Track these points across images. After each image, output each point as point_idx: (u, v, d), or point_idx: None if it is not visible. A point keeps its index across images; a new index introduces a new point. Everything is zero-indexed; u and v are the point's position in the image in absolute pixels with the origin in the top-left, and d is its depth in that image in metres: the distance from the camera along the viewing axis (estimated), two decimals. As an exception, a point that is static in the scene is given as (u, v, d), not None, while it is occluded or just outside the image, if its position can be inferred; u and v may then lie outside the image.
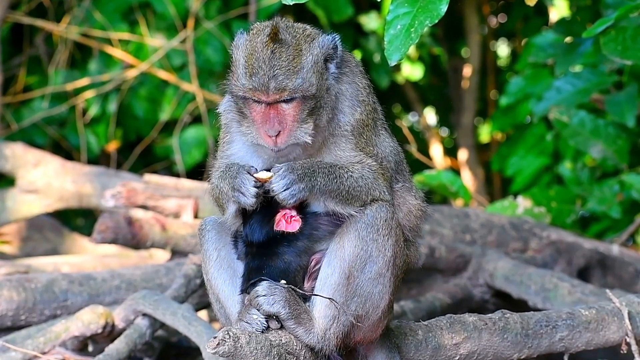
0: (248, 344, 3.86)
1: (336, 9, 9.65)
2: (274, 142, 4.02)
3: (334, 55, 4.12)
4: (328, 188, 4.02)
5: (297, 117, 4.02)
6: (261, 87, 3.99)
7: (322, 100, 4.07)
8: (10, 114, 9.48)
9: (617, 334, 4.81)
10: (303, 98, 4.02)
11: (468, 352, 4.54)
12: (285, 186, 3.96)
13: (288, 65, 3.99)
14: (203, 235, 4.28)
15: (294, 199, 3.97)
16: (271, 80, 3.97)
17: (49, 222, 8.23)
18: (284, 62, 3.99)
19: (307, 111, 4.03)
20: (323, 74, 4.08)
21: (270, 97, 4.00)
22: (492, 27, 12.03)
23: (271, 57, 3.99)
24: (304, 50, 4.04)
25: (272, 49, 4.00)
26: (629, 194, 7.53)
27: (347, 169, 4.08)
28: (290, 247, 4.11)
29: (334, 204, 4.05)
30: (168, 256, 6.76)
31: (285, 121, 4.02)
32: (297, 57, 4.01)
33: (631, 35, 5.75)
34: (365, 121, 4.18)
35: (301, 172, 3.98)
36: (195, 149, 9.74)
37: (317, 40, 4.09)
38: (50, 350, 5.23)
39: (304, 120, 4.03)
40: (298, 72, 4.00)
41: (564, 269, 6.64)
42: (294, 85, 3.99)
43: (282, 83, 3.98)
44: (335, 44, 4.12)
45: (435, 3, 4.20)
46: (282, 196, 3.96)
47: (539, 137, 8.76)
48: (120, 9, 9.63)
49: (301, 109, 4.03)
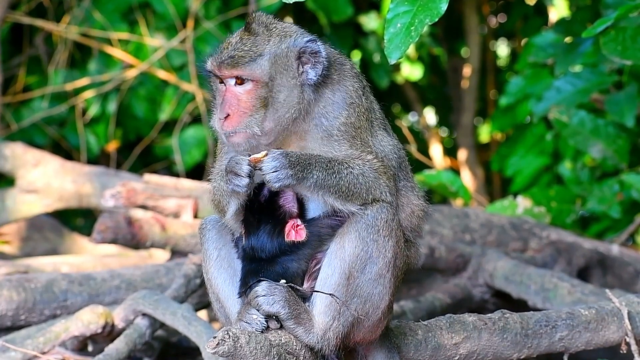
0: (248, 343, 3.86)
1: (336, 9, 9.65)
2: (222, 125, 4.09)
3: (312, 60, 4.13)
4: (326, 183, 4.01)
5: (249, 104, 4.08)
6: (217, 61, 4.11)
7: (282, 95, 4.09)
8: (10, 114, 9.48)
9: (616, 334, 4.81)
10: (256, 85, 4.08)
11: (468, 352, 4.54)
12: (274, 168, 3.95)
13: (249, 50, 4.10)
14: (203, 234, 4.28)
15: (279, 183, 3.95)
16: (228, 58, 4.09)
17: (49, 222, 8.22)
18: (245, 47, 4.10)
19: (260, 100, 4.08)
20: (288, 71, 4.10)
21: (222, 71, 4.10)
22: (491, 27, 12.03)
23: (237, 42, 4.13)
24: (271, 43, 4.12)
25: (241, 36, 4.14)
26: (629, 194, 7.53)
27: (347, 165, 4.07)
28: (292, 255, 4.11)
29: (333, 200, 4.04)
30: (168, 256, 6.77)
31: (235, 105, 4.09)
32: (260, 45, 4.11)
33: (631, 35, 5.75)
34: (356, 124, 4.17)
35: (295, 159, 3.98)
36: (195, 149, 9.74)
37: (291, 39, 4.14)
38: (50, 350, 5.23)
39: (256, 110, 4.08)
40: (255, 58, 4.09)
41: (563, 269, 6.64)
42: (246, 67, 4.08)
43: (236, 61, 4.08)
44: (315, 50, 4.13)
45: (435, 2, 4.20)
46: (268, 177, 3.96)
47: (538, 137, 8.76)
48: (120, 9, 9.63)
49: (254, 97, 4.09)
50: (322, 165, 4.02)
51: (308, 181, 3.99)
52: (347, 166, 4.07)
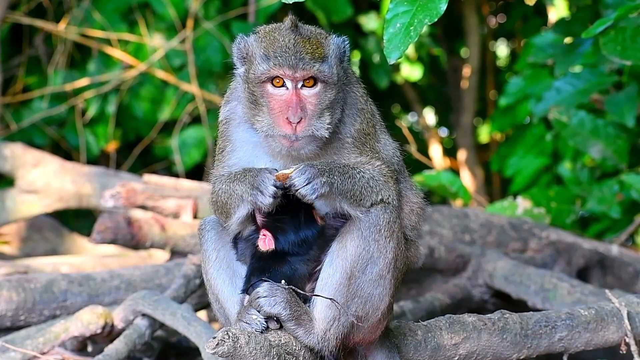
0: (247, 344, 3.86)
1: (335, 9, 9.65)
2: (294, 129, 3.98)
3: (344, 59, 4.13)
4: (345, 187, 4.00)
5: (318, 105, 4.00)
6: (288, 64, 3.97)
7: (338, 98, 4.08)
8: (9, 114, 9.48)
9: (616, 334, 4.81)
10: (326, 86, 4.02)
11: (467, 353, 4.55)
12: (307, 180, 3.90)
13: (314, 52, 4.00)
14: (203, 235, 4.28)
15: (315, 193, 3.91)
16: (299, 60, 3.97)
17: (49, 222, 8.22)
18: (309, 49, 4.00)
19: (327, 102, 4.02)
20: (339, 72, 4.08)
21: (298, 73, 3.97)
22: (491, 27, 12.03)
23: (295, 44, 4.00)
24: (324, 44, 4.06)
25: (294, 39, 4.01)
26: (629, 194, 7.53)
27: (359, 169, 4.07)
28: (301, 257, 4.10)
29: (347, 205, 4.03)
30: (167, 256, 6.77)
31: (306, 108, 3.99)
32: (319, 47, 4.03)
33: (631, 35, 5.75)
34: (366, 130, 4.18)
35: (320, 167, 3.95)
36: (194, 149, 9.73)
37: (331, 39, 4.12)
38: (50, 350, 5.23)
39: (323, 112, 4.02)
40: (324, 59, 4.02)
41: (563, 269, 6.64)
42: (320, 67, 3.99)
43: (309, 63, 3.97)
44: (345, 47, 4.13)
45: (434, 2, 4.20)
46: (303, 191, 3.90)
47: (538, 137, 8.76)
48: (120, 9, 9.62)
49: (322, 98, 4.02)
50: (340, 170, 4.01)
51: (334, 186, 3.96)
52: (359, 171, 4.06)
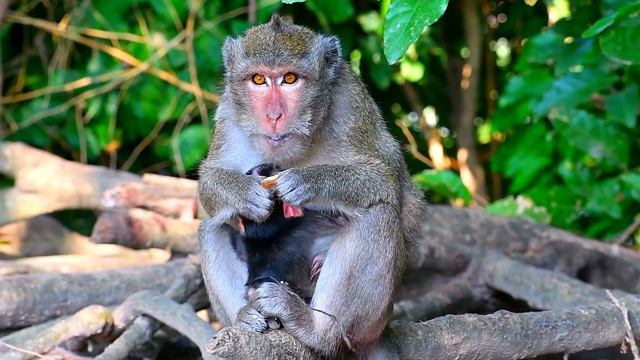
0: (248, 344, 3.86)
1: (336, 9, 9.65)
2: (273, 127, 3.98)
3: (333, 59, 4.12)
4: (337, 191, 4.00)
5: (299, 102, 4.00)
6: (266, 60, 3.97)
7: (322, 96, 4.06)
8: (10, 114, 9.48)
9: (616, 334, 4.81)
10: (307, 82, 4.01)
11: (468, 353, 4.54)
12: (290, 187, 3.93)
13: (293, 48, 4.00)
14: (202, 236, 4.28)
15: (299, 200, 3.93)
16: (277, 56, 3.97)
17: (49, 222, 8.22)
18: (288, 45, 3.99)
19: (309, 99, 4.01)
20: (324, 71, 4.08)
21: (276, 69, 3.97)
22: (491, 27, 12.03)
23: (275, 41, 3.99)
24: (307, 42, 4.05)
25: (274, 36, 4.01)
26: (629, 194, 7.53)
27: (354, 171, 4.06)
28: (290, 237, 4.11)
29: (343, 207, 4.03)
30: (168, 256, 6.77)
31: (286, 105, 3.99)
32: (300, 44, 4.02)
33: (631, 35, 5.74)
34: (362, 127, 4.17)
35: (306, 173, 3.96)
36: (195, 149, 9.73)
37: (317, 38, 4.11)
38: (50, 350, 5.23)
39: (304, 109, 4.01)
40: (304, 55, 4.01)
41: (563, 269, 6.64)
42: (299, 63, 3.98)
43: (287, 59, 3.97)
44: (334, 47, 4.12)
45: (434, 2, 4.20)
46: (287, 197, 3.93)
47: (538, 137, 8.76)
48: (120, 9, 9.63)
49: (303, 95, 4.01)
50: (331, 174, 4.00)
51: (322, 192, 3.97)
52: (354, 172, 4.05)
